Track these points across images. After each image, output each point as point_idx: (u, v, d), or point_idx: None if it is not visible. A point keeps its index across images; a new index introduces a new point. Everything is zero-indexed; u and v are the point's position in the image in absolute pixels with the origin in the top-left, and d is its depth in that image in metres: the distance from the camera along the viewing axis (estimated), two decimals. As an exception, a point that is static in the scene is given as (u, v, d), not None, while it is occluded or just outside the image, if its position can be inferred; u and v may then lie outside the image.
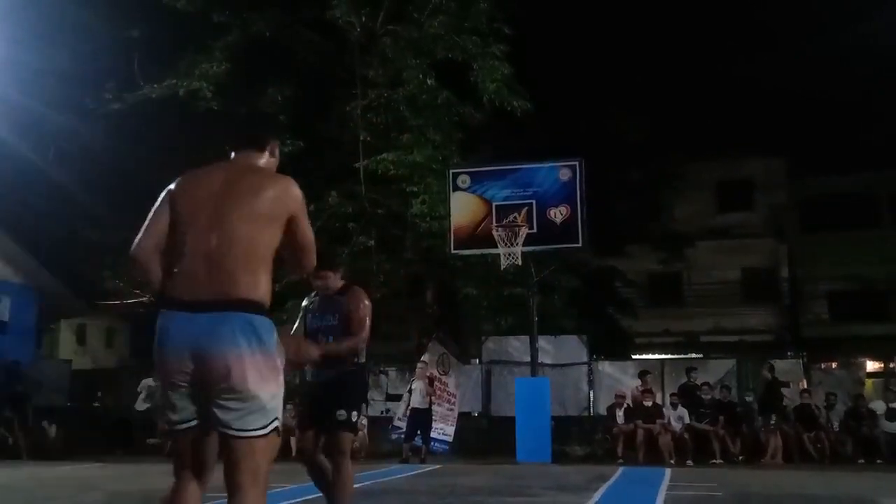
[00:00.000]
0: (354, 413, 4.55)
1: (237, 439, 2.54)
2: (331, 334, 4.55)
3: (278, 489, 7.64)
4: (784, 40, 29.54)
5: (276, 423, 2.60)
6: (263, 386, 2.55)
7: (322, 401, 4.58)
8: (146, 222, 2.71)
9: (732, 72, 27.79)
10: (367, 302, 4.64)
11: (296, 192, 2.73)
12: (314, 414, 4.64)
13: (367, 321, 4.57)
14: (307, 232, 2.79)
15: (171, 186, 2.74)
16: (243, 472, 2.54)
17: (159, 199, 2.73)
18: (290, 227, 2.71)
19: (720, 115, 24.67)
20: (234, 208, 2.60)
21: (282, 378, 2.66)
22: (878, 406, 13.19)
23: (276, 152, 2.98)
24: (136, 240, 2.70)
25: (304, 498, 6.93)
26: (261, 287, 2.61)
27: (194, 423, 2.63)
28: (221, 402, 2.52)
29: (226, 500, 2.59)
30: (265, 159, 2.90)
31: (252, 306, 2.57)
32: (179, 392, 2.59)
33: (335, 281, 4.71)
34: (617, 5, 21.69)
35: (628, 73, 21.32)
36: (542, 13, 17.51)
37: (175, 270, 2.62)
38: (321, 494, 4.77)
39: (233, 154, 2.90)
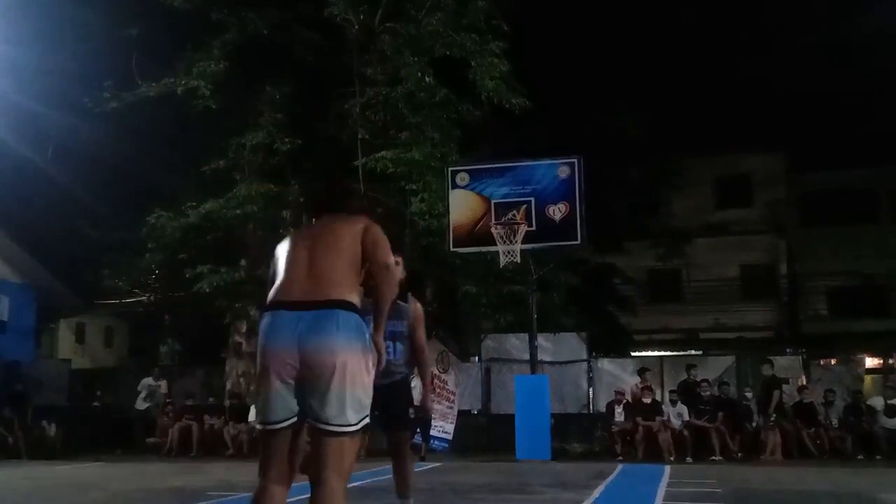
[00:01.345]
0: (412, 410, 4.92)
1: (329, 432, 2.74)
2: (400, 341, 4.77)
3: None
4: (782, 36, 29.57)
5: (367, 419, 2.83)
6: (361, 383, 2.78)
7: (387, 402, 4.69)
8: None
9: (731, 68, 27.84)
10: (418, 304, 4.91)
11: (363, 218, 3.18)
12: (381, 414, 4.75)
13: (421, 319, 4.88)
14: (380, 238, 3.11)
15: (277, 247, 3.17)
16: (331, 467, 2.73)
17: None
18: (363, 235, 3.07)
19: (718, 111, 24.76)
20: (325, 239, 3.03)
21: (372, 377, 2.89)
22: (877, 402, 13.20)
23: (357, 208, 3.39)
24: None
25: (305, 496, 6.93)
26: (354, 292, 2.95)
27: (293, 418, 2.80)
28: (321, 395, 2.73)
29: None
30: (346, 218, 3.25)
31: (350, 305, 2.87)
32: (284, 387, 2.77)
33: (399, 269, 4.61)
34: (615, 2, 21.68)
35: (626, 69, 21.37)
36: (540, 10, 17.51)
37: (279, 281, 2.96)
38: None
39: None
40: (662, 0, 25.78)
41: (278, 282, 2.94)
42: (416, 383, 13.43)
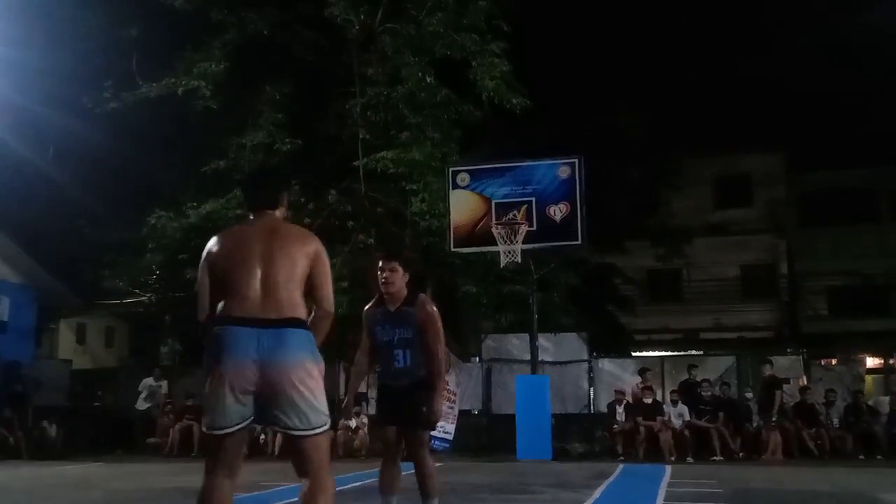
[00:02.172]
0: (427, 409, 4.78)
1: (302, 438, 2.99)
2: (408, 348, 4.77)
3: (277, 488, 7.64)
4: (782, 36, 29.56)
5: (328, 419, 3.08)
6: (320, 390, 3.04)
7: (402, 402, 4.80)
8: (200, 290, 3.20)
9: (730, 68, 27.83)
10: (439, 323, 4.81)
11: (314, 239, 3.25)
12: (396, 413, 4.85)
13: (441, 342, 4.81)
14: (327, 274, 3.25)
15: (210, 250, 3.20)
16: (314, 461, 3.03)
17: (201, 266, 3.20)
18: (314, 262, 3.18)
19: (718, 111, 24.73)
20: (279, 256, 3.11)
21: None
22: (882, 403, 13.19)
23: (286, 201, 3.43)
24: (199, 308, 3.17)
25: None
26: (304, 308, 3.13)
27: (244, 424, 3.00)
28: (288, 408, 2.95)
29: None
30: (281, 212, 3.37)
31: (303, 323, 3.08)
32: (239, 398, 2.95)
33: (400, 279, 4.78)
34: (614, 2, 21.68)
35: (626, 69, 21.36)
36: (541, 10, 17.50)
37: (233, 292, 3.04)
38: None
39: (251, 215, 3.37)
40: (662, 1, 25.79)
41: (232, 293, 3.03)
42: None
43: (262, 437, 13.73)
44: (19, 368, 15.85)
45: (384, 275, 4.78)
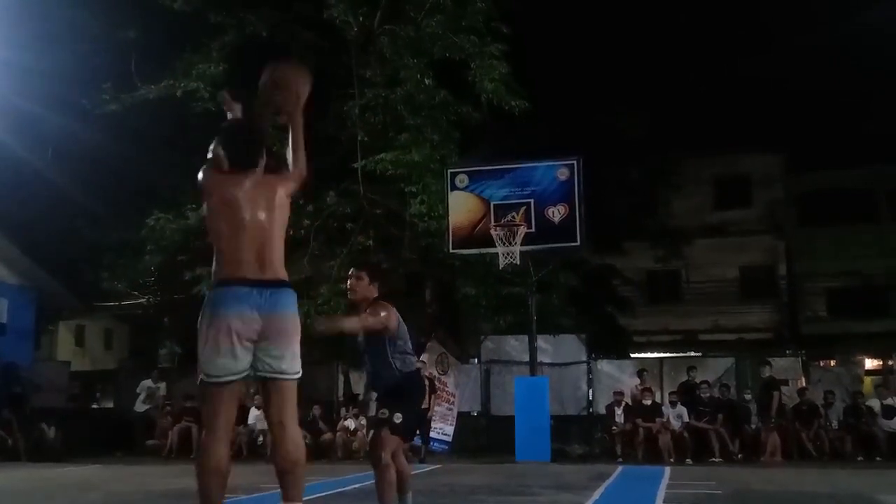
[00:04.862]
0: (398, 415, 4.85)
1: (285, 381, 3.38)
2: (366, 353, 5.01)
3: (276, 490, 7.63)
4: (781, 35, 29.58)
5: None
6: (298, 339, 3.46)
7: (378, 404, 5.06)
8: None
9: (730, 68, 27.83)
10: (382, 312, 4.91)
11: (286, 175, 3.66)
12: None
13: (375, 320, 4.89)
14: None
15: (204, 182, 3.53)
16: (287, 410, 3.39)
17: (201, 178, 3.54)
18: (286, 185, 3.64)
19: (717, 111, 24.69)
20: (265, 213, 3.48)
21: None
22: (874, 403, 13.20)
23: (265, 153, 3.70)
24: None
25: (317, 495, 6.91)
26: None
27: (243, 374, 3.35)
28: (276, 353, 3.36)
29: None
30: (261, 164, 3.63)
31: (289, 284, 3.51)
32: (242, 347, 3.31)
33: (364, 288, 5.01)
34: (614, 3, 21.69)
35: (626, 70, 21.34)
36: (540, 10, 17.50)
37: (228, 257, 3.42)
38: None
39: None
40: (662, 0, 25.79)
41: (227, 257, 3.42)
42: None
43: (261, 438, 13.74)
44: (18, 370, 15.82)
45: (348, 282, 5.06)
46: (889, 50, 21.79)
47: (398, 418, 4.82)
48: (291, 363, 3.41)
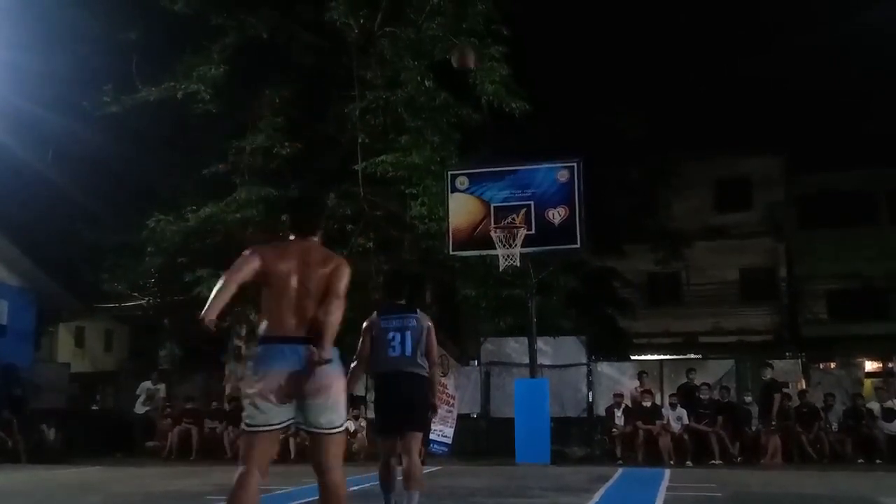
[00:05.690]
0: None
1: (327, 436, 3.67)
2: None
3: (279, 491, 7.64)
4: (781, 37, 29.59)
5: (346, 422, 3.79)
6: (344, 395, 3.75)
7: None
8: (238, 263, 3.86)
9: (730, 69, 27.81)
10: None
11: (345, 268, 3.84)
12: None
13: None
14: (340, 277, 3.82)
15: (258, 252, 3.85)
16: (333, 456, 3.68)
17: (247, 254, 3.88)
18: (332, 273, 3.81)
19: (717, 113, 24.66)
20: (311, 277, 3.74)
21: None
22: (874, 406, 13.19)
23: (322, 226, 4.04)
24: (229, 272, 3.84)
25: (303, 500, 6.94)
26: None
27: (284, 424, 3.66)
28: (318, 409, 3.63)
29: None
30: (318, 237, 3.98)
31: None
32: (284, 401, 3.59)
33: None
34: (614, 4, 21.70)
35: (626, 70, 21.34)
36: (541, 11, 17.50)
37: (272, 316, 3.72)
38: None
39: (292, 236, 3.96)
40: (662, 2, 25.79)
41: (271, 317, 3.70)
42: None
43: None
44: (18, 371, 15.83)
45: None
46: (889, 50, 21.78)
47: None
48: (331, 418, 3.66)
